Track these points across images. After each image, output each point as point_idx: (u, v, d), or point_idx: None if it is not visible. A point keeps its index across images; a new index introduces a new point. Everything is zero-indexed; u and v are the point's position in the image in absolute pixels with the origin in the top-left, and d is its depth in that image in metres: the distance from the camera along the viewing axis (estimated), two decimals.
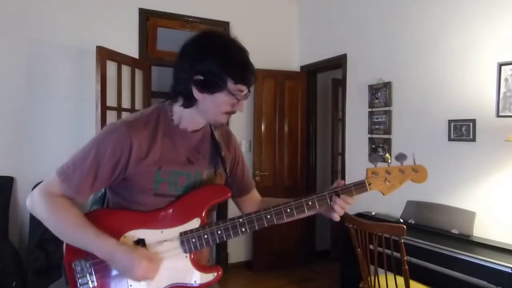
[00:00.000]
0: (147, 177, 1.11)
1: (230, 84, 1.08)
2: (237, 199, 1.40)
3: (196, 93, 1.09)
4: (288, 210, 1.16)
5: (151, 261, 1.07)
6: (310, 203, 1.18)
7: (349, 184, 1.20)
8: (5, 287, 2.86)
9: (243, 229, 1.15)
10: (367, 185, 1.19)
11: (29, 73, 3.24)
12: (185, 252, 1.13)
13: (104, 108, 3.03)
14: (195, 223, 1.14)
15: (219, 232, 1.14)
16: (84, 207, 1.21)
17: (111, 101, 3.16)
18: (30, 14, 3.23)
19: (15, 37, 3.18)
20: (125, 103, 3.33)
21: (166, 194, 1.14)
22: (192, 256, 1.14)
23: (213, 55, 1.07)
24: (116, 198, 1.17)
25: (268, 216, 1.16)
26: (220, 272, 1.17)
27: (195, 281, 1.14)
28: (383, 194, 1.21)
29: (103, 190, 1.23)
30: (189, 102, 1.13)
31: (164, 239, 1.12)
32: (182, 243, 1.13)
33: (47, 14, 3.29)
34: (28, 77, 3.23)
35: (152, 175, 1.11)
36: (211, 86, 1.08)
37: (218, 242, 1.16)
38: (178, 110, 1.17)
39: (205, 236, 1.14)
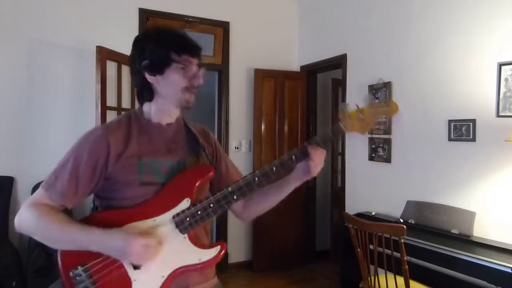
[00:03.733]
0: (129, 170, 1.11)
1: (175, 56, 1.12)
2: None
3: (149, 78, 1.14)
4: (274, 169, 1.15)
5: (147, 236, 1.05)
6: (293, 157, 1.16)
7: (326, 131, 1.20)
8: (5, 287, 2.86)
9: (234, 197, 1.14)
10: (342, 126, 1.19)
11: (29, 73, 3.24)
12: (182, 232, 1.12)
13: (104, 108, 3.03)
14: (185, 204, 1.13)
15: (211, 205, 1.13)
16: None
17: (111, 101, 3.16)
18: (30, 14, 3.23)
19: (15, 37, 3.18)
20: (125, 103, 3.33)
21: (151, 182, 1.13)
22: (190, 236, 1.13)
23: (149, 40, 1.15)
24: (104, 202, 1.16)
25: (256, 179, 1.14)
26: (223, 247, 1.15)
27: (199, 259, 1.12)
28: (361, 134, 1.21)
29: (92, 206, 1.22)
30: (149, 93, 1.17)
31: (158, 225, 1.11)
32: (177, 225, 1.12)
33: (47, 14, 3.29)
34: (28, 77, 3.23)
35: (134, 166, 1.12)
36: (158, 65, 1.12)
37: (213, 216, 1.14)
38: (146, 106, 1.21)
39: (198, 213, 1.12)
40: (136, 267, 1.08)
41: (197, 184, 1.16)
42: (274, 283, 3.86)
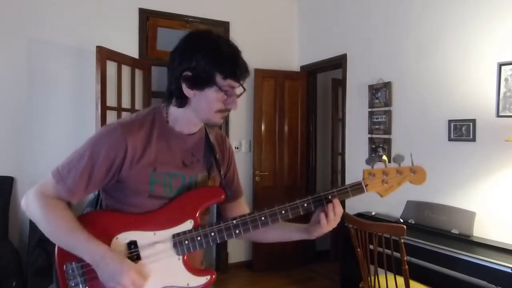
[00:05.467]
0: (141, 179, 1.10)
1: (219, 79, 1.06)
2: (223, 205, 1.34)
3: (186, 90, 1.08)
4: (283, 212, 1.14)
5: (140, 275, 1.05)
6: (305, 205, 1.15)
7: (345, 185, 1.17)
8: (5, 287, 2.86)
9: (237, 231, 1.13)
10: (364, 186, 1.16)
11: (29, 73, 3.24)
12: (178, 254, 1.11)
13: (104, 108, 3.03)
14: (188, 225, 1.13)
15: (212, 234, 1.12)
16: (78, 209, 1.20)
17: (111, 101, 3.16)
18: (30, 14, 3.23)
19: (15, 37, 3.18)
20: (125, 103, 3.33)
21: (160, 196, 1.13)
22: (185, 258, 1.12)
23: (201, 51, 1.06)
24: (110, 200, 1.16)
25: (263, 218, 1.13)
26: (213, 276, 1.15)
27: (187, 284, 1.12)
28: (381, 196, 1.18)
29: (96, 192, 1.22)
30: (181, 101, 1.11)
31: (156, 241, 1.11)
32: (174, 245, 1.11)
33: (47, 14, 3.29)
34: (28, 77, 3.23)
35: (147, 176, 1.10)
36: (200, 81, 1.06)
37: (211, 244, 1.13)
38: (173, 111, 1.16)
39: (198, 238, 1.12)
40: None
41: (203, 207, 1.16)
42: (274, 283, 3.86)
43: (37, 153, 3.21)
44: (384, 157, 1.21)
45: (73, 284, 1.07)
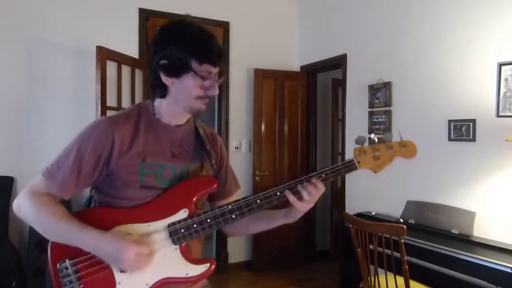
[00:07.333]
0: (131, 170, 1.09)
1: (195, 65, 1.07)
2: (213, 203, 1.30)
3: (164, 78, 1.10)
4: (278, 193, 1.12)
5: (140, 245, 1.03)
6: (299, 185, 1.12)
7: (337, 164, 1.16)
8: (5, 287, 2.86)
9: (233, 216, 1.11)
10: (356, 163, 1.17)
11: (29, 73, 3.24)
12: (174, 243, 1.10)
13: (104, 108, 3.03)
14: (183, 214, 1.11)
15: (208, 220, 1.10)
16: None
17: (111, 101, 3.16)
18: (30, 14, 3.23)
19: (15, 37, 3.18)
20: (125, 103, 3.33)
21: (152, 186, 1.12)
22: (182, 248, 1.10)
23: (174, 39, 1.09)
24: (102, 197, 1.15)
25: (258, 201, 1.11)
26: (213, 264, 1.12)
27: (186, 274, 1.10)
28: (374, 172, 1.17)
29: (88, 194, 1.22)
30: (162, 90, 1.14)
31: (151, 232, 1.09)
32: (170, 234, 1.09)
33: (47, 14, 3.29)
34: (28, 77, 3.23)
35: (136, 167, 1.10)
36: (176, 69, 1.08)
37: (208, 231, 1.11)
38: (158, 103, 1.17)
39: (194, 226, 1.10)
40: (122, 270, 1.06)
41: (197, 196, 1.15)
42: (274, 283, 3.86)
43: (37, 153, 3.21)
44: (373, 136, 1.21)
45: (67, 283, 1.05)
